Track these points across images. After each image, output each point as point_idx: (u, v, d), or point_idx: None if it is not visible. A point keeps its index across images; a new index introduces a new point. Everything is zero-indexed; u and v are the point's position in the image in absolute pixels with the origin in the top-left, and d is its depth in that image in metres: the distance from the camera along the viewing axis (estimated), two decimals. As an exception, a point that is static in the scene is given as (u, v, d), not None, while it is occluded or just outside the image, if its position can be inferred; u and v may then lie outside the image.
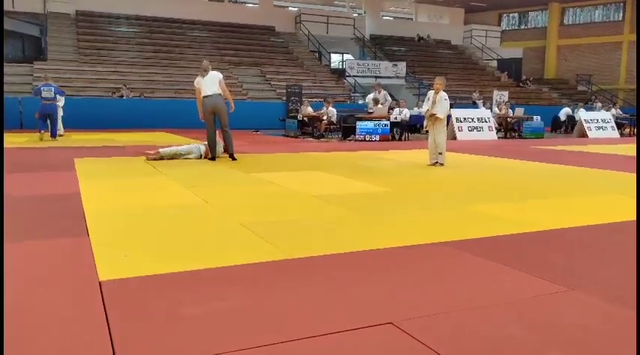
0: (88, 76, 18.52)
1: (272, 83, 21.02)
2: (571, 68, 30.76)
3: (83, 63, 19.35)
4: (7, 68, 18.57)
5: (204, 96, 8.05)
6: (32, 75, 17.79)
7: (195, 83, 8.29)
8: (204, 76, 8.10)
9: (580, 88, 28.61)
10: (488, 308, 2.32)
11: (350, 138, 13.65)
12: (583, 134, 16.09)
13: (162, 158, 7.96)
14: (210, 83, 8.05)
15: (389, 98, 16.69)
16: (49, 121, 11.90)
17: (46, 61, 19.30)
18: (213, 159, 8.12)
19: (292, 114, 16.74)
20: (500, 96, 20.77)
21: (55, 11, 21.54)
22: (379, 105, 14.71)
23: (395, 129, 14.14)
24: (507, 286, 2.61)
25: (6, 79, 17.31)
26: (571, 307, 2.34)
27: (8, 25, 22.54)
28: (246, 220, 3.94)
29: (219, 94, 8.07)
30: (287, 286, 2.57)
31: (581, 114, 17.13)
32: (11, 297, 2.35)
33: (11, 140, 11.21)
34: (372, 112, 14.57)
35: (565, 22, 31.55)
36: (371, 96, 15.95)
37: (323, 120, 14.55)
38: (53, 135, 11.93)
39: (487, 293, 2.50)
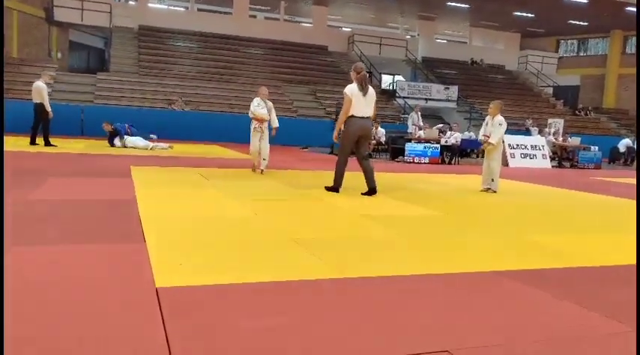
0: (147, 88, 19.25)
1: (322, 102, 21.23)
2: (632, 98, 29.62)
3: (143, 75, 20.14)
4: (73, 78, 19.58)
5: (356, 116, 6.32)
6: (95, 85, 18.63)
7: (348, 92, 6.31)
8: (364, 93, 6.31)
9: (641, 118, 27.48)
10: (549, 342, 2.22)
11: (398, 160, 13.56)
12: (644, 167, 15.40)
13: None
14: (369, 103, 6.41)
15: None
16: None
17: (108, 72, 20.20)
18: (337, 190, 6.56)
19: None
20: (555, 123, 20.20)
21: (119, 25, 22.57)
22: (427, 129, 14.69)
23: (445, 153, 13.96)
24: (567, 321, 2.50)
25: (70, 88, 18.25)
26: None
27: (75, 36, 23.83)
28: (295, 235, 3.95)
29: (370, 118, 6.50)
30: (340, 305, 2.55)
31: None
32: (70, 301, 2.44)
33: (73, 146, 11.73)
34: (411, 133, 14.66)
35: (627, 50, 30.51)
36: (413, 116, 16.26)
37: (371, 140, 14.54)
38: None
39: (547, 327, 2.40)
